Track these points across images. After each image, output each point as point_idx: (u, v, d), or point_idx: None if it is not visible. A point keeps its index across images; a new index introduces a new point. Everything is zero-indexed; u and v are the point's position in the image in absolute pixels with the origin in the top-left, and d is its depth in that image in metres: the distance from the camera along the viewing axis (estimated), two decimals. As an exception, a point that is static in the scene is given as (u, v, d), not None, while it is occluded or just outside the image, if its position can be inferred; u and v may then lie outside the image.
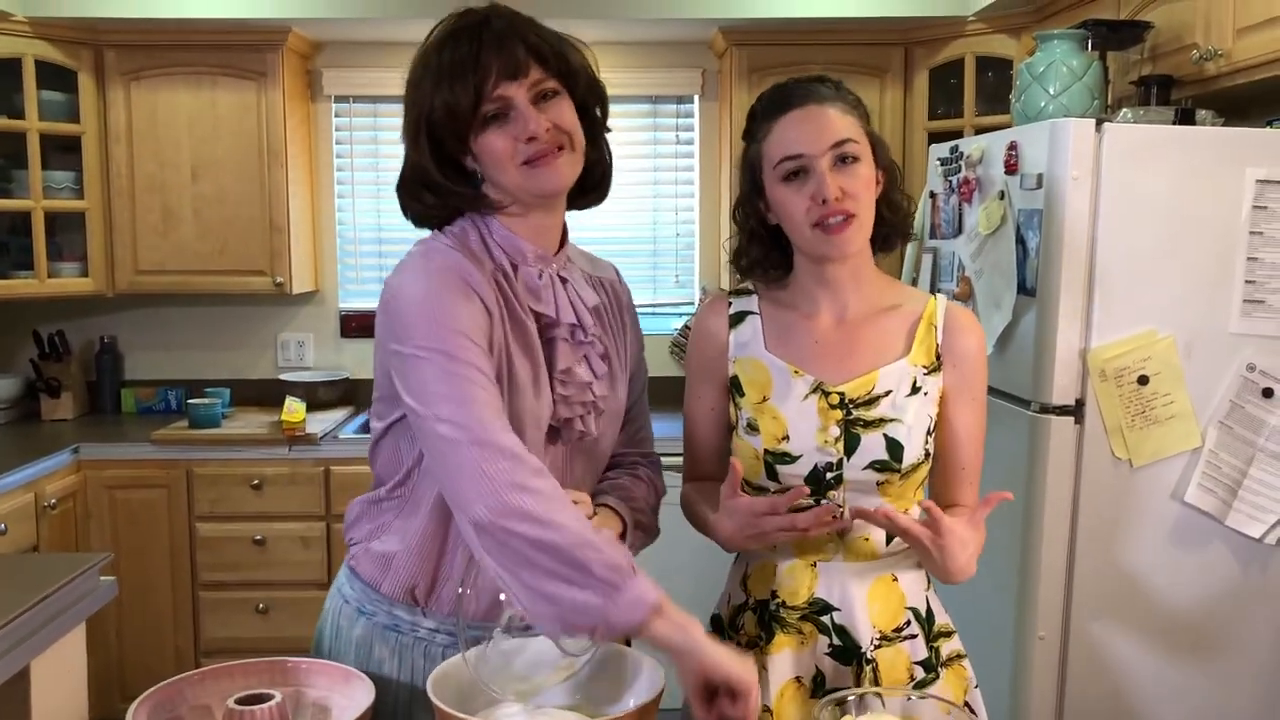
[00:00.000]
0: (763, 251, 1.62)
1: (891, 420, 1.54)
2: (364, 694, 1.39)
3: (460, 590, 1.38)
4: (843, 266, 1.57)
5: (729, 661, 1.25)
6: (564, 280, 1.51)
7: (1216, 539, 2.29)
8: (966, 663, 1.64)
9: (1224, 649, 2.32)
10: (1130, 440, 2.25)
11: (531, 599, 1.25)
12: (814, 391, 1.56)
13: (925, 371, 1.57)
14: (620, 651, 1.43)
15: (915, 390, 1.56)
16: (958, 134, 3.52)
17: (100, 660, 3.55)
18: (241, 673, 1.44)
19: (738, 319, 1.64)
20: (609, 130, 1.55)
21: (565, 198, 1.51)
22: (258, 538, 3.64)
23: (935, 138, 3.54)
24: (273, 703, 1.34)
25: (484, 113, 1.39)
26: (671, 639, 1.25)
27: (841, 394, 1.55)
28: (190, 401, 3.84)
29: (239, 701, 1.33)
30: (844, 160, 1.49)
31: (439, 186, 1.45)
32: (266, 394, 4.19)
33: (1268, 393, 2.24)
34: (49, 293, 3.79)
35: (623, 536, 1.51)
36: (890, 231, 1.60)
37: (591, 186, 1.55)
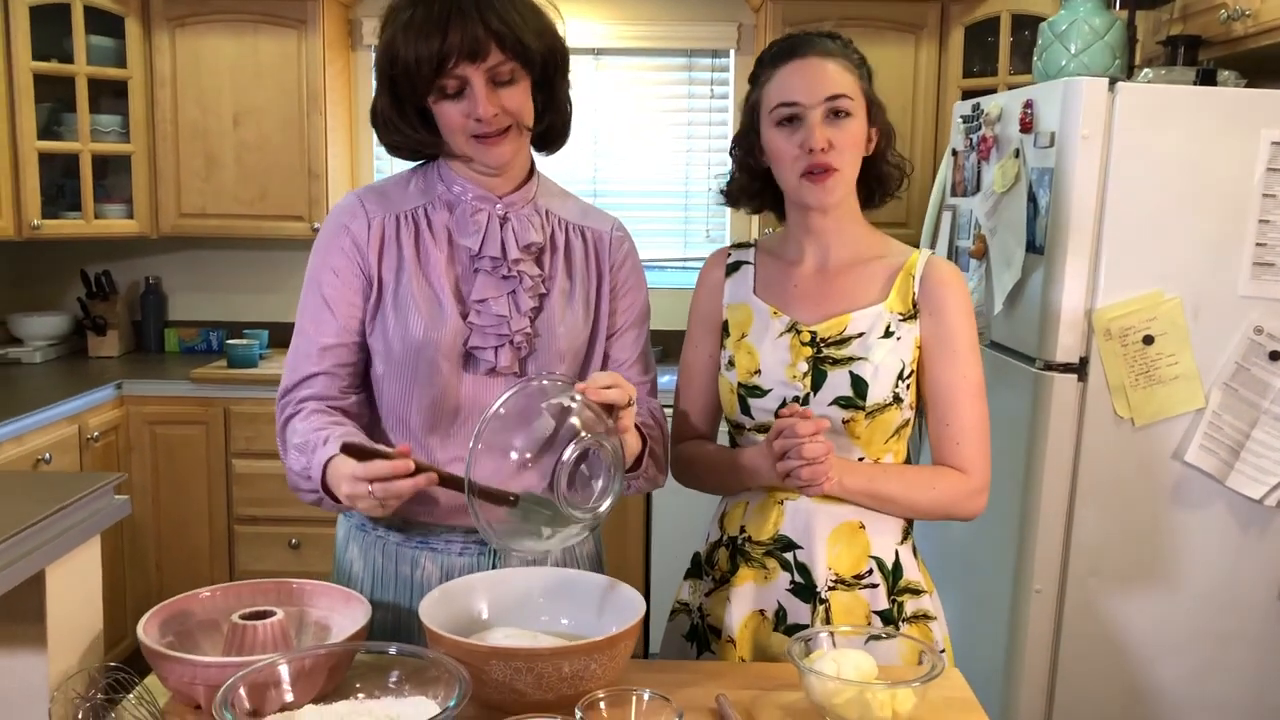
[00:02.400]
0: (748, 183, 1.69)
1: (859, 359, 1.58)
2: (361, 614, 1.46)
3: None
4: (826, 217, 1.63)
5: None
6: (504, 220, 1.59)
7: (1217, 499, 2.31)
8: (935, 626, 1.66)
9: (1221, 608, 2.35)
10: (1133, 399, 2.27)
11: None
12: (789, 330, 1.63)
13: (901, 318, 1.61)
14: (601, 580, 1.50)
15: (888, 334, 1.60)
16: (991, 92, 3.50)
17: (140, 589, 3.71)
18: (249, 592, 1.52)
19: (734, 268, 1.73)
20: (569, 85, 1.64)
21: (526, 150, 1.64)
22: (291, 475, 3.75)
23: (969, 96, 3.53)
24: (274, 619, 1.41)
25: (442, 84, 1.49)
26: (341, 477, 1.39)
27: (814, 333, 1.61)
28: (229, 342, 3.96)
29: (243, 617, 1.41)
30: (836, 114, 1.54)
31: (396, 126, 1.56)
32: (304, 337, 4.28)
33: (1274, 356, 2.24)
34: (95, 233, 3.91)
35: (639, 461, 1.56)
36: (878, 189, 1.66)
37: (550, 139, 1.67)
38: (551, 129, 1.65)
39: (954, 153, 2.88)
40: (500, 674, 1.28)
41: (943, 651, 1.66)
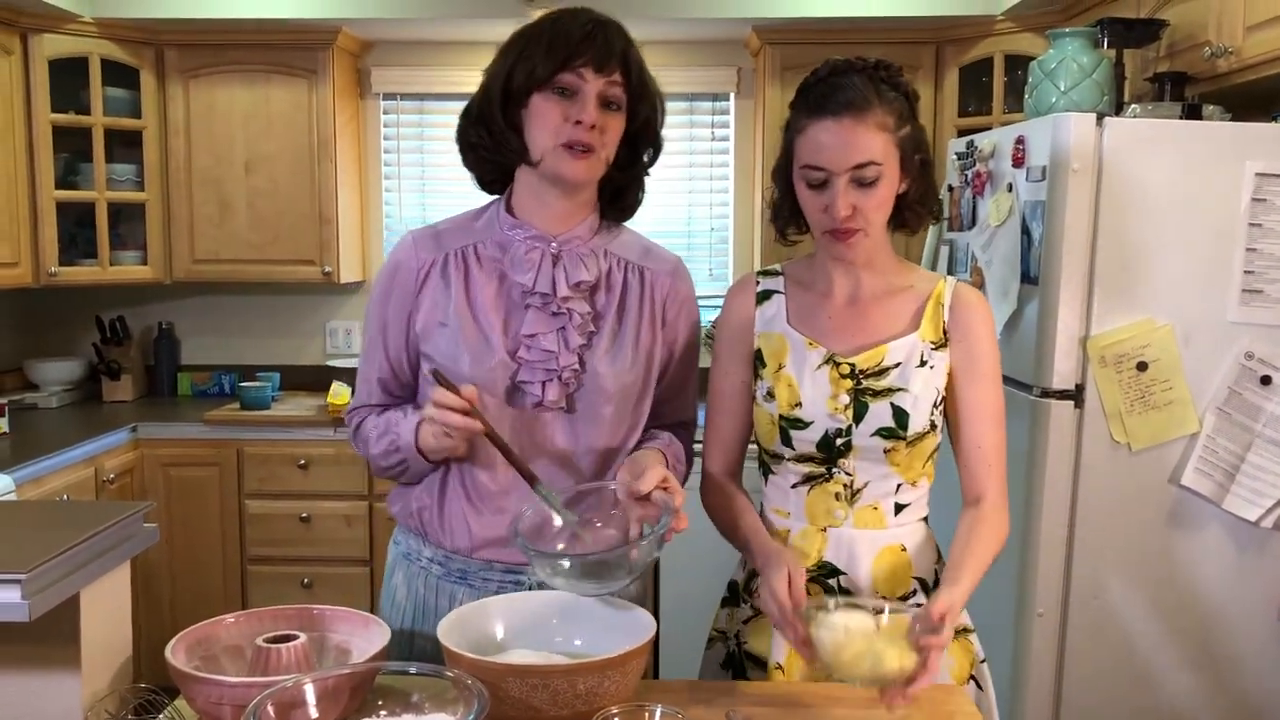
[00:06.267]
0: (791, 215, 1.70)
1: (899, 390, 1.61)
2: (380, 637, 1.51)
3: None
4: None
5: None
6: (556, 258, 1.65)
7: (1214, 522, 2.35)
8: (974, 637, 1.71)
9: (1221, 630, 2.38)
10: (1129, 425, 2.32)
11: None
12: (826, 362, 1.64)
13: (933, 347, 1.64)
14: (613, 603, 1.55)
15: (923, 364, 1.63)
16: (986, 131, 3.58)
17: (155, 628, 3.73)
18: (271, 618, 1.56)
19: (764, 296, 1.73)
20: (648, 173, 1.74)
21: (593, 195, 1.69)
22: (304, 515, 3.80)
23: (965, 134, 3.61)
24: (298, 642, 1.45)
25: (556, 82, 1.56)
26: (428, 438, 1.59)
27: (852, 365, 1.63)
28: (242, 385, 4.02)
29: (267, 641, 1.46)
30: (862, 182, 1.55)
31: (491, 117, 1.62)
32: (314, 379, 4.37)
33: (1265, 380, 2.29)
34: (111, 280, 3.99)
35: None
36: (914, 220, 1.67)
37: (621, 205, 1.74)
38: (624, 192, 1.72)
39: (950, 189, 2.95)
40: (517, 691, 1.32)
41: (983, 661, 1.72)
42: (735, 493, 1.74)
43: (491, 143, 1.64)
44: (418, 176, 4.41)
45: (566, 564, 1.51)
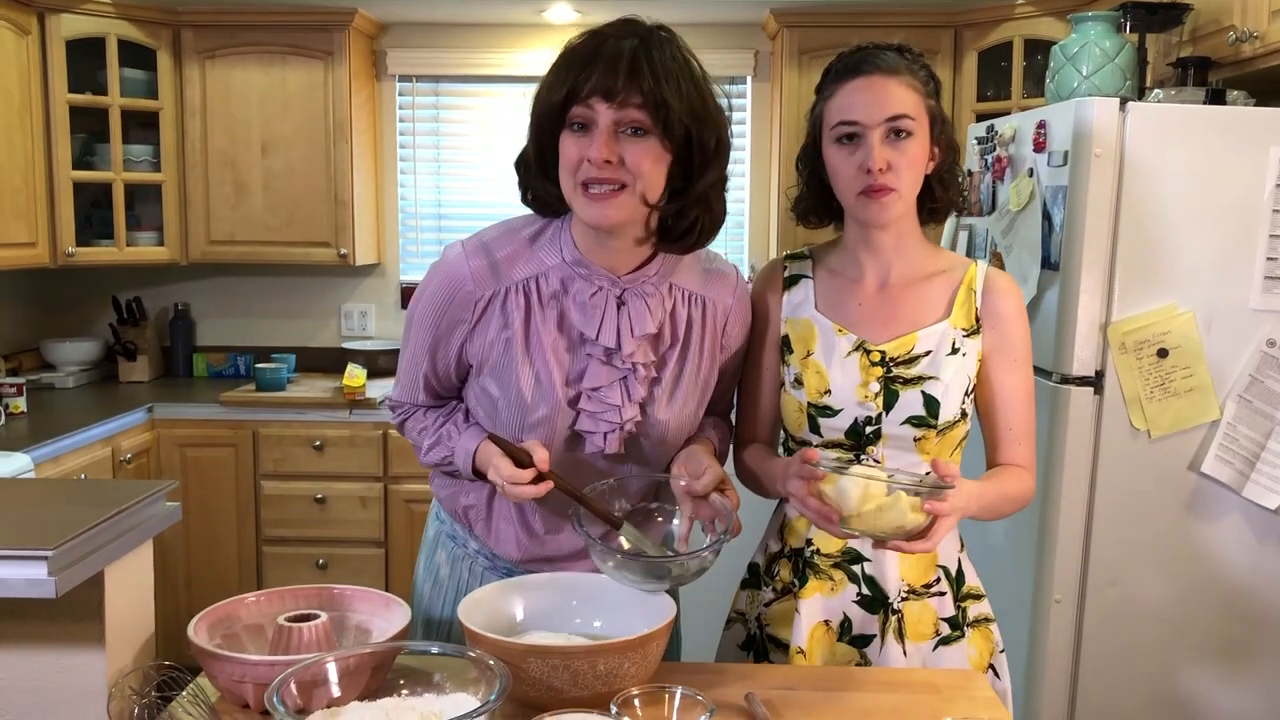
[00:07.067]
0: (815, 201, 1.69)
1: (930, 378, 1.60)
2: (401, 617, 1.51)
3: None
4: (886, 233, 1.63)
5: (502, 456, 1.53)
6: (621, 303, 1.56)
7: (1233, 509, 2.34)
8: (994, 628, 1.71)
9: (1239, 618, 2.37)
10: (1149, 411, 2.31)
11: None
12: (856, 349, 1.63)
13: (965, 334, 1.63)
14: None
15: (954, 351, 1.61)
16: (1005, 115, 3.56)
17: (170, 608, 3.75)
18: (292, 597, 1.57)
19: (791, 281, 1.71)
20: (722, 190, 1.56)
21: (649, 229, 1.54)
22: (318, 496, 3.82)
23: (984, 119, 3.58)
24: (318, 621, 1.46)
25: (571, 118, 1.45)
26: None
27: (883, 352, 1.62)
28: (258, 366, 4.03)
29: (288, 620, 1.47)
30: (896, 134, 1.54)
31: (531, 169, 1.55)
32: (330, 361, 4.39)
33: (1287, 368, 2.28)
34: (127, 261, 4.01)
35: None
36: (939, 206, 1.66)
37: (675, 236, 1.55)
38: (683, 219, 1.53)
39: (969, 173, 2.94)
40: (537, 671, 1.33)
41: (1003, 651, 1.72)
42: (769, 450, 1.75)
43: (537, 187, 1.54)
44: (433, 159, 4.39)
45: (622, 559, 1.52)
